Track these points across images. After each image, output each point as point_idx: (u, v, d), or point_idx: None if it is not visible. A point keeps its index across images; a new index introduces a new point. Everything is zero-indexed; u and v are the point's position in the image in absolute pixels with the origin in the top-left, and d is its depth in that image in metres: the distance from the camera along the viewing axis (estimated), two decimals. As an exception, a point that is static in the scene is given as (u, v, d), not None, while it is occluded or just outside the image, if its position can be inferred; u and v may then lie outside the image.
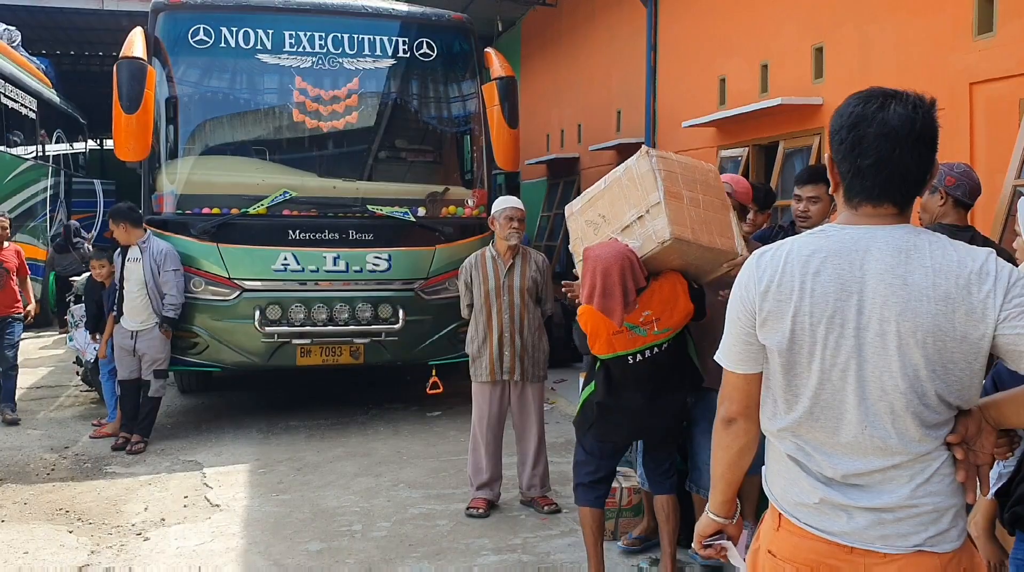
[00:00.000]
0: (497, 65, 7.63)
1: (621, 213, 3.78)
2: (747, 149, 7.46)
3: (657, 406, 3.88)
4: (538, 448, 5.33)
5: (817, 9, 6.51)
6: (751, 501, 4.14)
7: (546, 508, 5.21)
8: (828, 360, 1.80)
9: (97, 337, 7.26)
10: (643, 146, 3.97)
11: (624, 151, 9.80)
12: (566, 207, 4.17)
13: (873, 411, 1.78)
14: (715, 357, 2.04)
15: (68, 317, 8.94)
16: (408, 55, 7.78)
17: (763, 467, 2.04)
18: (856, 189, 1.84)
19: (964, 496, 1.83)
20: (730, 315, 1.98)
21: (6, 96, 11.80)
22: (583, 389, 4.09)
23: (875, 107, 1.80)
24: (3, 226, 7.62)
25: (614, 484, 4.68)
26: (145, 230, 6.84)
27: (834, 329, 1.79)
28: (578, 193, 11.14)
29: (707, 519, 2.13)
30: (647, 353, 3.74)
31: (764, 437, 2.01)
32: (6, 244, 7.66)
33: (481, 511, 5.17)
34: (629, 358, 3.75)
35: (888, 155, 1.78)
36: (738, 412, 1.98)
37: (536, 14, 12.71)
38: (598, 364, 3.88)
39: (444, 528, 5.01)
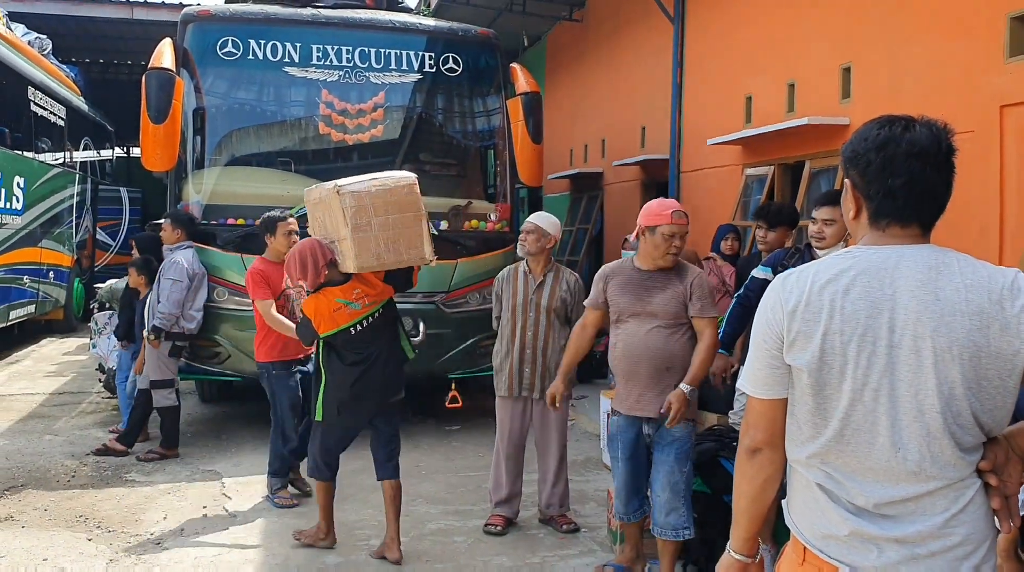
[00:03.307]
0: (522, 80, 7.64)
1: (333, 229, 4.63)
2: (773, 168, 7.41)
3: (385, 370, 4.69)
4: (559, 467, 5.29)
5: (846, 28, 6.47)
6: (768, 522, 4.09)
7: (564, 527, 5.17)
8: (859, 379, 1.77)
9: (127, 345, 7.27)
10: (335, 184, 4.55)
11: (648, 167, 9.78)
12: (307, 190, 5.01)
13: (907, 433, 1.74)
14: (738, 384, 2.01)
15: (91, 324, 8.99)
16: (434, 70, 7.81)
17: (784, 499, 2.00)
18: (886, 209, 1.83)
19: (996, 527, 1.79)
20: (754, 340, 1.95)
21: (36, 104, 11.94)
22: (315, 394, 4.76)
23: (900, 128, 1.82)
24: None
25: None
26: (181, 239, 6.88)
27: (866, 347, 1.77)
28: (601, 209, 11.18)
29: (729, 559, 2.05)
30: (365, 322, 4.62)
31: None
32: None
33: (499, 528, 5.14)
34: (351, 329, 4.59)
35: (919, 174, 1.80)
36: (764, 441, 1.94)
37: (562, 29, 12.73)
38: (323, 355, 4.68)
39: (462, 545, 4.98)
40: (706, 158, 8.41)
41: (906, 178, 1.80)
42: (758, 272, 4.78)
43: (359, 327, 4.61)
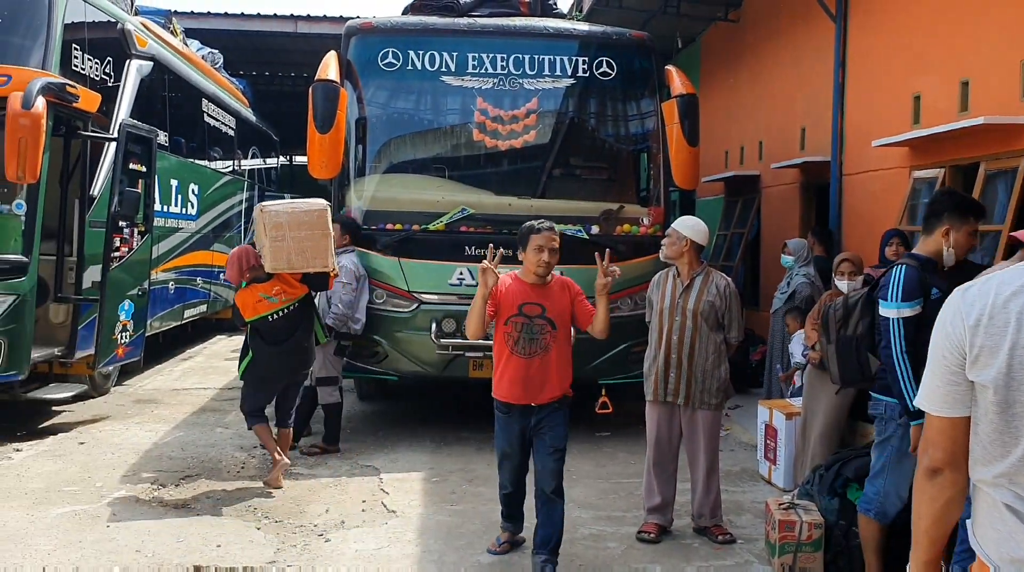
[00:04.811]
0: (678, 83, 7.54)
1: (259, 238, 6.06)
2: (943, 170, 7.03)
3: (295, 350, 6.14)
4: (708, 476, 5.19)
5: (1027, 21, 6.08)
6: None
7: (720, 538, 5.07)
8: None
9: None
10: (262, 205, 6.10)
11: (808, 169, 9.48)
12: (260, 207, 6.17)
13: None
14: (915, 402, 1.93)
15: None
16: (588, 74, 7.83)
17: (968, 519, 1.90)
18: None
19: None
20: (933, 355, 1.86)
21: (209, 115, 12.67)
22: (240, 361, 6.25)
23: None
24: None
25: (793, 516, 4.52)
26: (347, 243, 7.16)
27: None
28: (758, 212, 10.91)
29: None
30: (281, 313, 6.07)
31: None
32: None
33: (652, 536, 5.09)
34: (270, 317, 6.05)
35: None
36: (944, 461, 1.85)
37: (717, 30, 12.50)
38: (250, 335, 6.12)
39: (615, 551, 4.96)
40: (870, 160, 8.07)
41: None
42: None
43: (275, 316, 6.06)
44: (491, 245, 4.58)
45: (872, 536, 4.22)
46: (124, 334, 8.26)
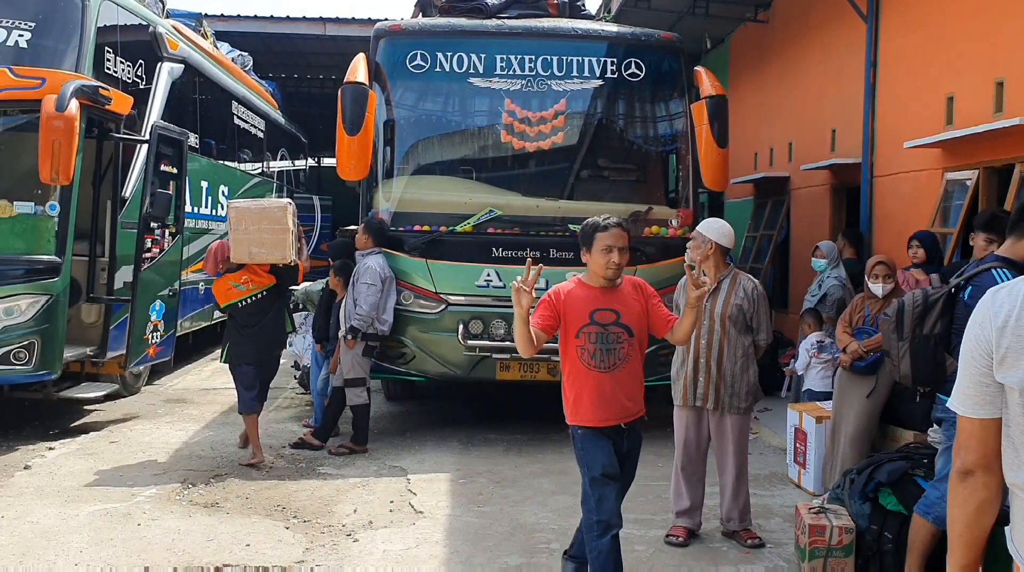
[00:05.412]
0: (708, 84, 7.50)
1: (229, 232, 6.75)
2: (977, 172, 6.94)
3: (264, 333, 6.78)
4: (737, 480, 5.15)
5: (1064, 20, 5.98)
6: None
7: (749, 542, 5.03)
8: None
9: (323, 346, 7.68)
10: (230, 203, 6.88)
11: (839, 171, 9.39)
12: (229, 203, 7.02)
13: None
14: (948, 404, 1.91)
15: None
16: (616, 75, 7.82)
17: (1007, 526, 1.87)
18: None
19: None
20: (964, 356, 1.85)
21: (239, 117, 12.77)
22: (222, 348, 6.95)
23: None
24: None
25: (824, 521, 4.48)
26: (374, 245, 7.19)
27: None
28: (787, 214, 10.83)
29: None
30: (249, 299, 6.72)
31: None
32: None
33: (680, 539, 5.06)
34: (239, 304, 6.73)
35: None
36: (976, 463, 1.83)
37: (746, 31, 12.42)
38: (228, 321, 6.89)
39: (643, 554, 4.94)
40: (902, 162, 7.97)
41: None
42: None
43: (244, 303, 6.74)
44: (529, 259, 3.92)
45: (923, 540, 4.14)
46: (155, 334, 8.35)
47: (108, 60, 7.91)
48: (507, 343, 7.24)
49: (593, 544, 3.87)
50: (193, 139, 9.76)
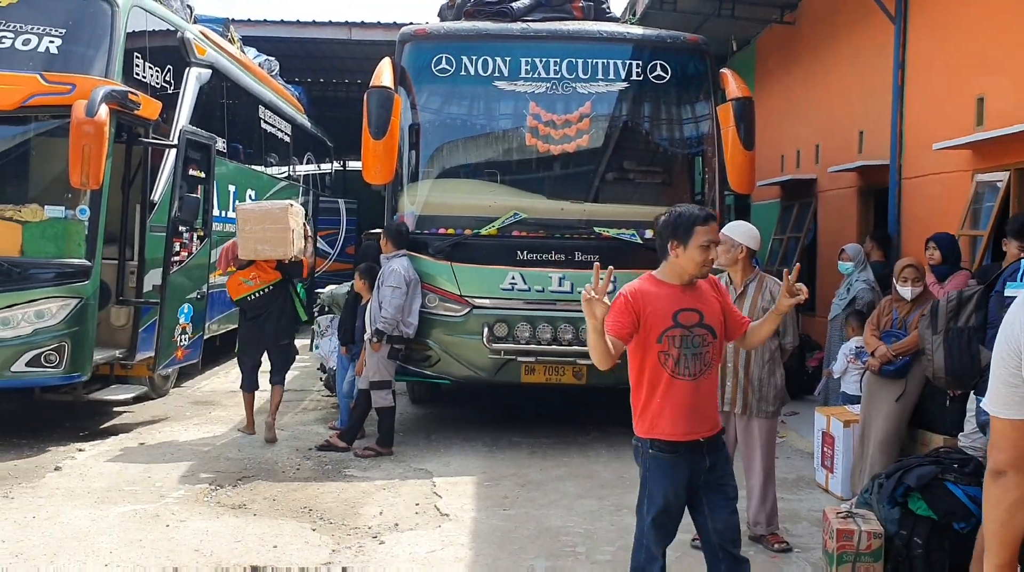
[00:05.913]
0: (734, 86, 7.46)
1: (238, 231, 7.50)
2: (1008, 173, 6.86)
3: (271, 324, 7.51)
4: (764, 484, 5.11)
5: (1097, 19, 5.90)
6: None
7: (776, 546, 5.00)
8: None
9: (349, 348, 7.73)
10: (237, 205, 7.82)
11: (866, 173, 9.31)
12: (237, 206, 8.00)
13: None
14: (982, 404, 1.90)
15: (314, 327, 9.60)
16: (642, 78, 7.80)
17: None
18: None
19: None
20: (995, 356, 1.85)
21: (265, 121, 12.86)
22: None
23: None
24: None
25: (852, 525, 4.44)
26: (395, 249, 7.22)
27: None
28: (815, 216, 10.75)
29: None
30: (257, 294, 7.49)
31: None
32: None
33: (707, 543, 5.02)
34: (249, 297, 7.50)
35: None
36: (1007, 463, 1.83)
37: (772, 32, 12.35)
38: (239, 314, 7.79)
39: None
40: (930, 163, 7.89)
41: None
42: None
43: (252, 297, 7.50)
44: (596, 264, 3.41)
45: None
46: (183, 337, 8.43)
47: (137, 65, 8.00)
48: (532, 346, 7.24)
49: (636, 562, 3.70)
50: (221, 143, 9.84)
